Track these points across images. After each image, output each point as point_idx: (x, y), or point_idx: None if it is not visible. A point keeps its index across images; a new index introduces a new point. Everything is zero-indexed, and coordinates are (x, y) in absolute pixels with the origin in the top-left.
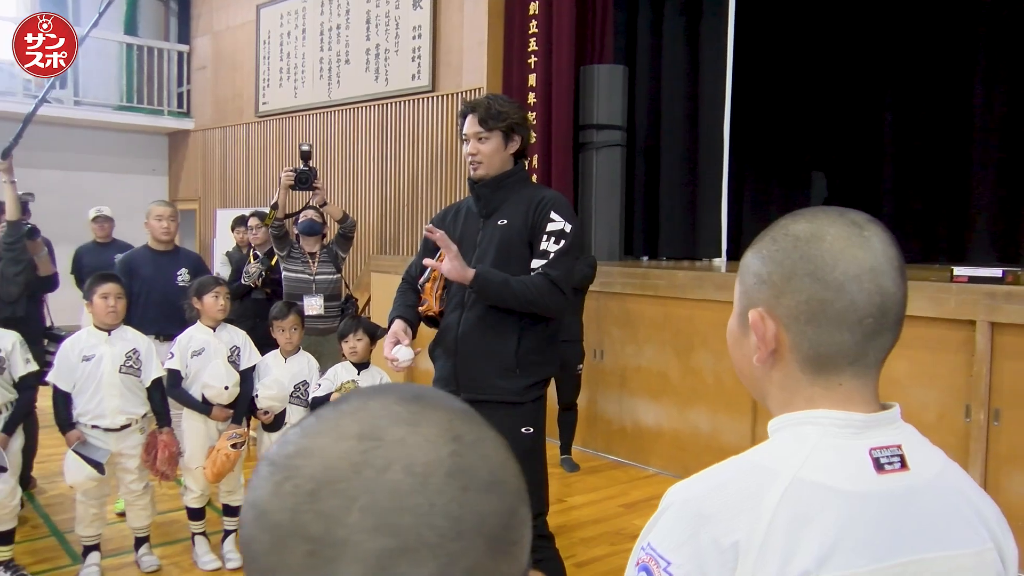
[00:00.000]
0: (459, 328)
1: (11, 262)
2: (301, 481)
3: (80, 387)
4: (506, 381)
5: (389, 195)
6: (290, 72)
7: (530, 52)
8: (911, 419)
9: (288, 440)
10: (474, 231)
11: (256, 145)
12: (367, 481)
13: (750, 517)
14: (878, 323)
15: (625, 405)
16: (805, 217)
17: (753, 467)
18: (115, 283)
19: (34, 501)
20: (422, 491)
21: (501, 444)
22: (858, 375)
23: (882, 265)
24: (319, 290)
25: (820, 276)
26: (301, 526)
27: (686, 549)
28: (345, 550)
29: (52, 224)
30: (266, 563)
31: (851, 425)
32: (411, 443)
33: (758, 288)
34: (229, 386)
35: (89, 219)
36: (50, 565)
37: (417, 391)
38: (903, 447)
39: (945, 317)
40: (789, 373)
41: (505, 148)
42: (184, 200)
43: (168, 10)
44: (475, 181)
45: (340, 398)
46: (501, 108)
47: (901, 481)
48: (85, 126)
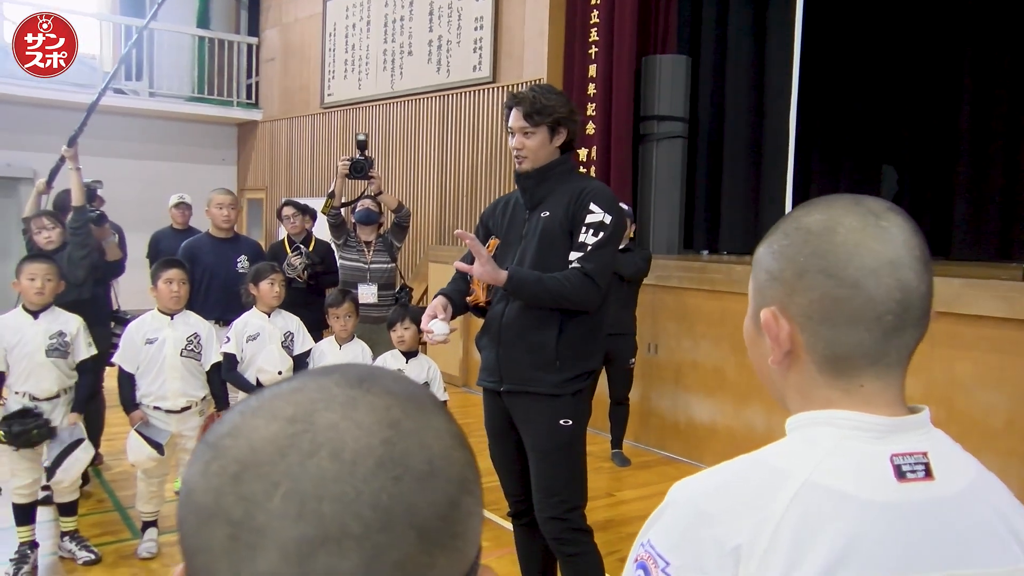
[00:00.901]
0: (502, 318)
1: (77, 246)
2: (227, 463)
3: (143, 369)
4: (546, 373)
5: (449, 186)
6: (354, 64)
7: (591, 43)
8: (976, 425)
9: (224, 419)
10: (520, 223)
11: (321, 136)
12: (291, 466)
13: (755, 520)
14: (899, 319)
15: (680, 401)
16: (819, 207)
17: (763, 467)
18: (179, 269)
19: (100, 477)
20: (348, 479)
21: (447, 433)
22: (880, 376)
23: (902, 257)
24: (373, 279)
25: (833, 272)
26: (223, 509)
27: (686, 549)
28: (265, 536)
29: (127, 211)
30: (191, 544)
31: (873, 428)
32: (342, 428)
33: (770, 285)
34: (283, 371)
35: (171, 205)
36: (113, 538)
37: (364, 373)
38: (929, 455)
39: (1016, 318)
40: (806, 375)
41: (551, 142)
42: (252, 189)
43: (239, 3)
44: (520, 173)
45: (287, 378)
46: (547, 102)
47: (925, 491)
48: (159, 117)
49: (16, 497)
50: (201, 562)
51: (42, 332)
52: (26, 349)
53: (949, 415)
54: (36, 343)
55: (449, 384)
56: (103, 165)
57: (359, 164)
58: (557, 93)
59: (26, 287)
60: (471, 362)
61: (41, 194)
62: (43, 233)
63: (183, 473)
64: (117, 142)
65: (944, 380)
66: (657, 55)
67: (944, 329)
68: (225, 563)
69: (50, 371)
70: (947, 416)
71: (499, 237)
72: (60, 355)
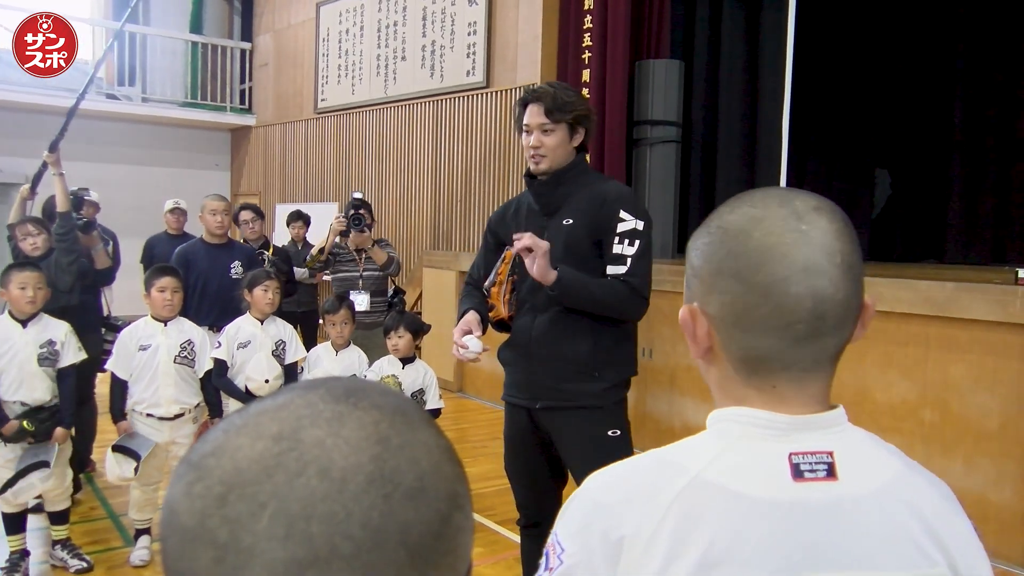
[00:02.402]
0: (531, 332)
1: (64, 252)
2: (211, 483)
3: (137, 376)
4: (585, 384)
5: (443, 191)
6: (348, 69)
7: (585, 47)
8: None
9: (208, 437)
10: (538, 230)
11: (315, 141)
12: (278, 486)
13: (641, 512)
14: (811, 328)
15: (675, 405)
16: (744, 204)
17: (660, 462)
18: (173, 277)
19: (92, 484)
20: (337, 497)
21: (437, 448)
22: (794, 379)
23: (818, 264)
24: (366, 287)
25: (744, 277)
26: (208, 531)
27: (579, 539)
28: (252, 559)
29: (120, 217)
30: (175, 567)
31: (774, 426)
32: (330, 445)
33: (692, 282)
34: (270, 379)
35: (166, 210)
36: (104, 546)
37: (351, 387)
38: (835, 454)
39: (1009, 321)
40: (724, 372)
41: (570, 141)
42: (245, 195)
43: (232, 8)
44: (533, 176)
45: (272, 393)
46: (567, 98)
47: (824, 491)
48: (152, 122)
49: (4, 506)
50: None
51: (32, 341)
52: (17, 358)
53: (944, 418)
54: (27, 352)
55: (444, 390)
56: (96, 170)
57: (358, 219)
58: (575, 91)
59: (17, 296)
60: (466, 367)
61: (25, 200)
62: (28, 240)
63: (165, 494)
64: (110, 147)
65: (939, 383)
66: (650, 60)
67: (938, 332)
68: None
69: (42, 380)
70: (942, 419)
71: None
72: (51, 364)
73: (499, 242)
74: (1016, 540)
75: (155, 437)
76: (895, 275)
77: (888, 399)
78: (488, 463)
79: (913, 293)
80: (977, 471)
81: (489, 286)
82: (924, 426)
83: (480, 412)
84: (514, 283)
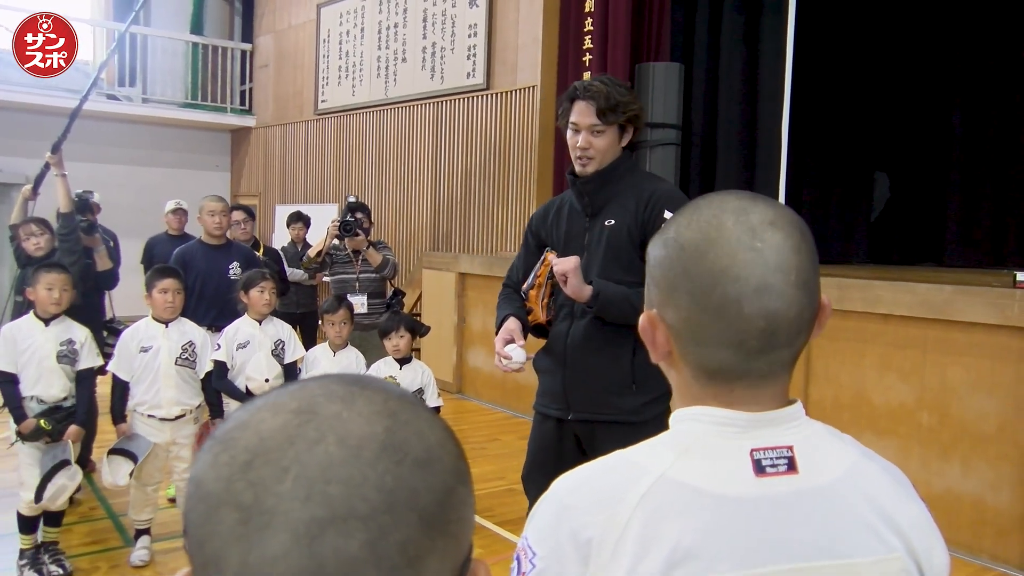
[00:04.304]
0: (567, 339)
1: (66, 252)
2: (236, 452)
3: (138, 377)
4: (623, 398)
5: (443, 192)
6: (348, 70)
7: (585, 50)
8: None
9: (231, 416)
10: (580, 231)
11: (315, 142)
12: (300, 452)
13: (608, 513)
14: (764, 343)
15: None
16: (701, 216)
17: (624, 463)
18: (174, 278)
19: (92, 484)
20: (354, 463)
21: (439, 425)
22: (751, 386)
23: (771, 283)
24: (363, 289)
25: (698, 297)
26: (233, 495)
27: (549, 541)
28: (274, 518)
29: (121, 217)
30: (200, 533)
31: (733, 424)
32: (346, 417)
33: (652, 289)
34: (270, 379)
35: (167, 211)
36: (103, 546)
37: (357, 376)
38: (795, 448)
39: (1007, 324)
40: (683, 377)
41: (620, 141)
42: (245, 196)
43: (233, 9)
44: (576, 176)
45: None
46: (621, 98)
47: (786, 485)
48: (152, 123)
49: (24, 509)
50: (210, 550)
51: (52, 339)
52: (37, 355)
53: (942, 421)
54: (46, 349)
55: (443, 390)
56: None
57: (348, 225)
58: (628, 87)
59: (43, 296)
60: (465, 368)
61: (27, 200)
62: (32, 240)
63: (191, 471)
64: (110, 148)
65: (937, 386)
66: (650, 63)
67: (937, 335)
68: (235, 548)
69: (60, 377)
70: (940, 422)
71: (556, 248)
72: (69, 362)
73: (540, 243)
74: (1014, 542)
75: (156, 438)
76: (893, 278)
77: (886, 402)
78: (487, 464)
79: (911, 296)
80: (974, 474)
81: (527, 289)
82: (922, 429)
83: (479, 414)
84: (553, 286)
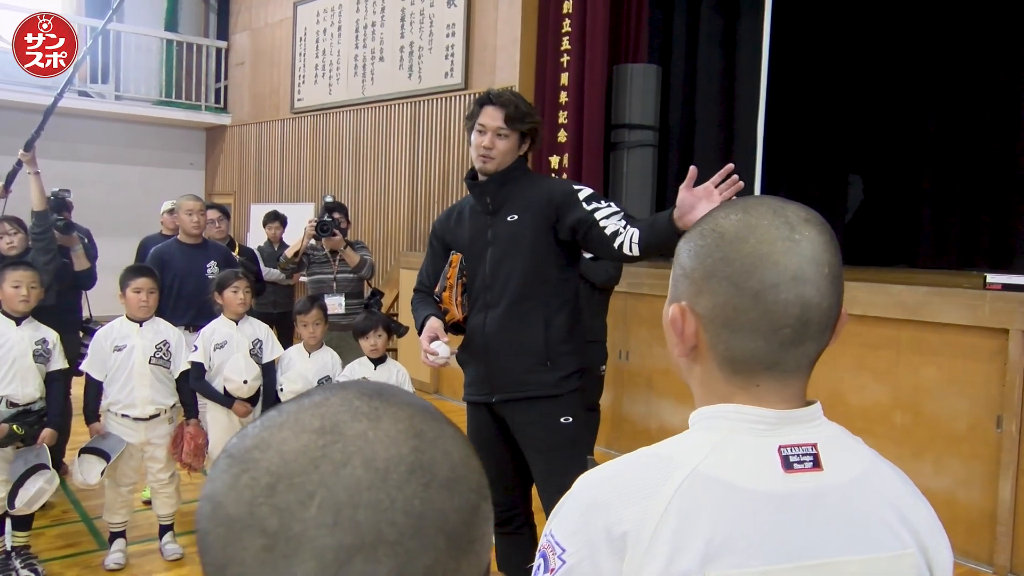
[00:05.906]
0: (484, 328)
1: (41, 251)
2: (258, 474)
3: (112, 376)
4: (541, 375)
5: (420, 192)
6: (325, 69)
7: (563, 51)
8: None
9: (248, 433)
10: (483, 228)
11: (291, 141)
12: (325, 476)
13: (642, 508)
14: (797, 333)
15: (652, 407)
16: (739, 210)
17: (655, 458)
18: (148, 278)
19: (65, 487)
20: (382, 486)
21: (462, 441)
22: (776, 378)
23: (807, 273)
24: (340, 289)
25: (737, 281)
26: (257, 520)
27: (579, 537)
28: (301, 545)
29: (93, 215)
30: (221, 557)
31: (762, 421)
32: (372, 438)
33: (682, 282)
34: (248, 380)
35: (163, 211)
36: (77, 550)
37: (378, 387)
38: (819, 446)
39: (978, 325)
40: (708, 370)
41: (519, 148)
42: (220, 195)
43: (208, 7)
44: (473, 177)
45: (303, 392)
46: (526, 109)
47: (812, 481)
48: (125, 120)
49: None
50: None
51: (27, 337)
52: (11, 353)
53: (916, 420)
54: (21, 348)
55: (420, 390)
56: (69, 168)
57: (325, 225)
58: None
59: (10, 294)
60: (442, 368)
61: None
62: (4, 239)
63: (205, 489)
64: (83, 145)
65: (910, 386)
66: (628, 64)
67: (910, 336)
68: (260, 574)
69: (35, 376)
70: (913, 421)
71: (460, 250)
72: (44, 362)
73: (445, 246)
74: (984, 539)
75: (130, 438)
76: (868, 279)
77: (861, 401)
78: None
79: (885, 297)
80: (947, 472)
81: (440, 292)
82: (896, 428)
83: (457, 413)
84: (464, 285)
